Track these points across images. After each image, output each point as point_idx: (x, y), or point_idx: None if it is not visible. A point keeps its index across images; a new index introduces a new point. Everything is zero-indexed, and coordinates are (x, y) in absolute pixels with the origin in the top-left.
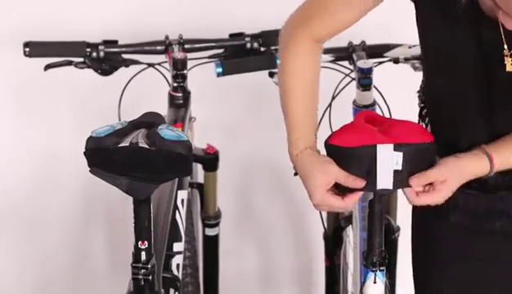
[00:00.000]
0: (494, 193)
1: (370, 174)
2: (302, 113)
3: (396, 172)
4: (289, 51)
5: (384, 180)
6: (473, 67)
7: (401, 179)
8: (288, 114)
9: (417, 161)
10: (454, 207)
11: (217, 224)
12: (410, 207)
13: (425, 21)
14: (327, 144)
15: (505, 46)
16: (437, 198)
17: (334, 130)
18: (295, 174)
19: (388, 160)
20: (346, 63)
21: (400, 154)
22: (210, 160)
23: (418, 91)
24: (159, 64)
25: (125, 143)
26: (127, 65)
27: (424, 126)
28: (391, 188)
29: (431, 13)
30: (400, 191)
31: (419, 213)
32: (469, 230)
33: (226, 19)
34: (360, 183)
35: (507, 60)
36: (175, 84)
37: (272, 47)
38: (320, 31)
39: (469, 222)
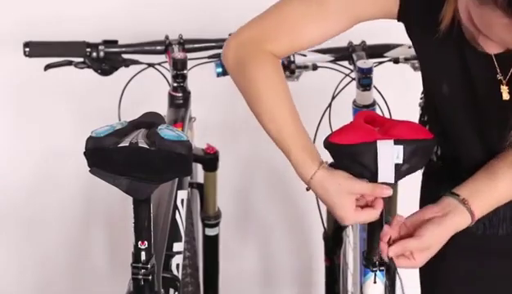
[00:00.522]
0: None
1: (370, 169)
2: (294, 125)
3: (397, 165)
4: (255, 67)
5: (386, 174)
6: (461, 91)
7: (404, 171)
8: (281, 131)
9: (417, 157)
10: None
11: (217, 224)
12: (411, 208)
13: (414, 42)
14: (327, 143)
15: (499, 74)
16: (414, 264)
17: (334, 130)
18: (308, 189)
19: (389, 154)
20: (346, 63)
21: (400, 148)
22: (210, 160)
23: (420, 98)
24: (159, 64)
25: (125, 143)
26: (127, 65)
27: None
28: (393, 181)
29: (418, 36)
30: (401, 193)
31: None
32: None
33: (226, 19)
34: (387, 191)
35: (503, 89)
36: (175, 84)
37: None
38: (285, 50)
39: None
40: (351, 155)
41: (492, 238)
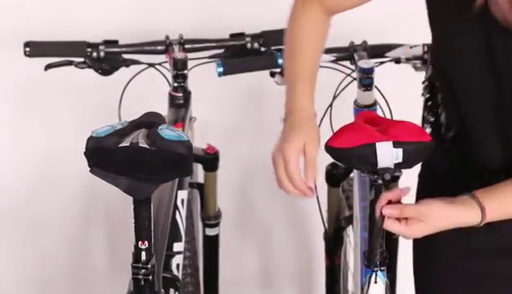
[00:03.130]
0: None
1: (372, 167)
2: (311, 68)
3: (397, 165)
4: (298, 11)
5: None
6: (482, 71)
7: (402, 167)
8: (296, 66)
9: (416, 157)
10: None
11: (217, 224)
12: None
13: (437, 21)
14: (327, 147)
15: None
16: (406, 232)
17: (334, 130)
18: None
19: (388, 156)
20: (347, 63)
21: (400, 150)
22: (210, 160)
23: (423, 82)
24: (159, 64)
25: (125, 143)
26: (127, 65)
27: (430, 118)
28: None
29: (442, 14)
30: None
31: None
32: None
33: (226, 19)
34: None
35: None
36: (175, 84)
37: (273, 47)
38: (331, 3)
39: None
40: (351, 157)
41: (491, 238)
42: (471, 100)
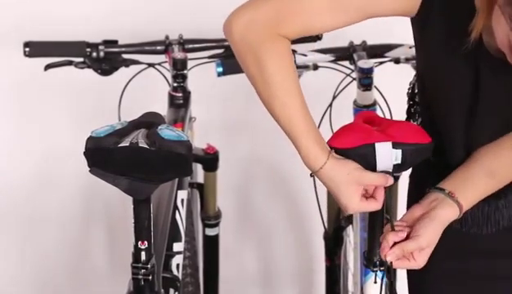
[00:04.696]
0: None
1: (371, 167)
2: (305, 114)
3: (396, 166)
4: (268, 49)
5: (385, 167)
6: (465, 95)
7: (402, 170)
8: (292, 119)
9: (415, 158)
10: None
11: (217, 224)
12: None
13: (426, 47)
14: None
15: None
16: (415, 265)
17: (334, 130)
18: (312, 175)
19: (388, 157)
20: (347, 63)
21: (399, 151)
22: (210, 160)
23: (408, 89)
24: (159, 64)
25: (125, 143)
26: (127, 65)
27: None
28: (392, 182)
29: (435, 43)
30: (400, 192)
31: None
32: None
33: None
34: (391, 180)
35: None
36: (175, 84)
37: None
38: (295, 31)
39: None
40: (350, 158)
41: (478, 237)
42: (447, 118)
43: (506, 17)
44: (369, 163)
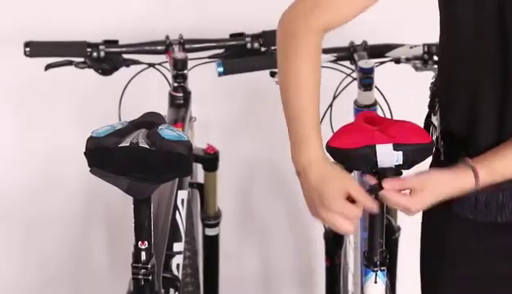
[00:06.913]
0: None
1: (372, 168)
2: (315, 112)
3: (397, 166)
4: (298, 46)
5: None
6: (494, 44)
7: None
8: (301, 110)
9: (416, 158)
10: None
11: (217, 225)
12: None
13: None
14: (328, 147)
15: None
16: (408, 204)
17: (334, 130)
18: (298, 174)
19: (389, 158)
20: (347, 63)
21: (400, 153)
22: (210, 160)
23: (431, 83)
24: (159, 64)
25: (125, 143)
26: (127, 65)
27: (436, 119)
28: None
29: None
30: None
31: (427, 217)
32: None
33: (226, 19)
34: (375, 208)
35: None
36: (175, 84)
37: (273, 47)
38: (326, 21)
39: (473, 216)
40: (351, 158)
41: (498, 238)
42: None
43: None
44: (370, 164)
